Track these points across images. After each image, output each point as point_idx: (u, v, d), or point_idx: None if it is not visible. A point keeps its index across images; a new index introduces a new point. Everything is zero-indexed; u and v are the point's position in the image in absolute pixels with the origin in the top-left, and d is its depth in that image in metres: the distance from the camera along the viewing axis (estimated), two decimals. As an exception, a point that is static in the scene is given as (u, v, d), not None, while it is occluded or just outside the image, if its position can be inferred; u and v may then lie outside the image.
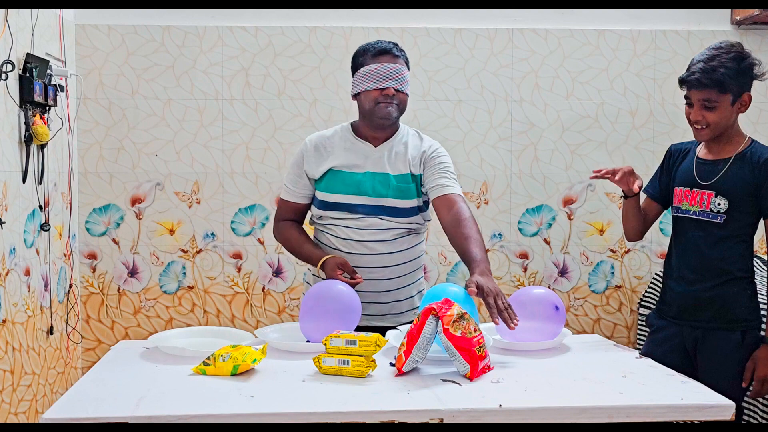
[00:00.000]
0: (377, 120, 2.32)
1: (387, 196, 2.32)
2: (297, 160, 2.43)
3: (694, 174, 2.32)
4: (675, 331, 2.33)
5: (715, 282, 2.27)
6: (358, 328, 2.23)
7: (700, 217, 2.29)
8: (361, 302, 2.28)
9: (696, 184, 2.31)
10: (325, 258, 2.29)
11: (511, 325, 2.00)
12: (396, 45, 2.35)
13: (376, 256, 2.33)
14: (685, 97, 2.28)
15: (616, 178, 2.38)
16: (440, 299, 1.94)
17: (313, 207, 2.44)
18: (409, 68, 2.36)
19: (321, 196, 2.37)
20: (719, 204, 2.25)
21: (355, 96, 2.35)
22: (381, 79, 2.27)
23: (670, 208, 2.44)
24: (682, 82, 2.26)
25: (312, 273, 2.45)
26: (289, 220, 2.47)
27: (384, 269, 2.34)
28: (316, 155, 2.38)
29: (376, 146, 2.37)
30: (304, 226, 2.51)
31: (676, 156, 2.43)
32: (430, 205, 2.44)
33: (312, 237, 2.48)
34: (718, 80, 2.18)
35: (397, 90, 2.28)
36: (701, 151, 2.35)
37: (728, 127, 2.27)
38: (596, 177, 2.39)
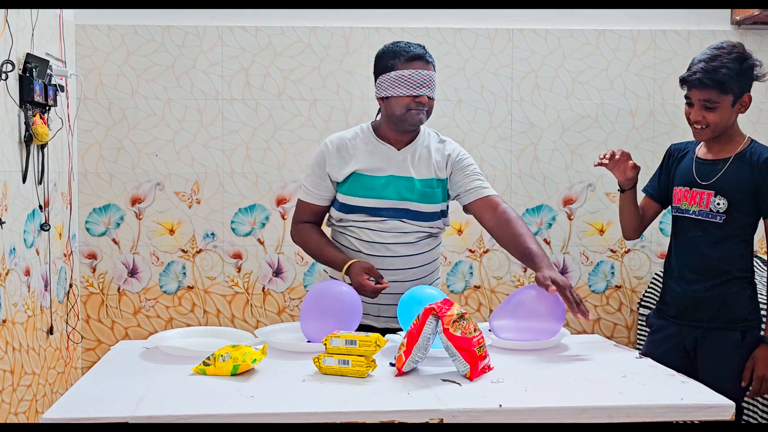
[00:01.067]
0: (407, 126, 2.31)
1: (411, 200, 2.31)
2: (318, 161, 2.38)
3: (693, 174, 2.32)
4: (675, 331, 2.33)
5: (714, 282, 2.27)
6: (379, 332, 2.24)
7: (699, 217, 2.29)
8: (382, 305, 2.30)
9: (695, 184, 2.31)
10: (351, 262, 2.26)
11: (589, 317, 2.10)
12: (426, 49, 2.31)
13: (399, 258, 2.33)
14: (686, 96, 2.28)
15: (612, 163, 2.39)
16: (418, 303, 2.00)
17: (333, 209, 2.40)
18: (435, 70, 2.33)
19: (343, 199, 2.34)
20: (719, 204, 2.25)
21: (383, 99, 2.30)
22: (415, 87, 2.24)
23: (669, 207, 2.44)
24: (683, 81, 2.26)
25: (329, 275, 2.45)
26: (308, 222, 2.43)
27: (406, 271, 2.34)
28: (339, 157, 2.35)
29: (399, 149, 2.35)
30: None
31: (675, 155, 2.43)
32: (449, 213, 2.45)
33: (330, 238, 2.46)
34: (720, 81, 2.18)
35: (429, 97, 2.27)
36: (701, 151, 2.35)
37: (728, 127, 2.27)
38: (600, 164, 2.41)
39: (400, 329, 2.18)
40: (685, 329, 2.31)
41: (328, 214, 2.45)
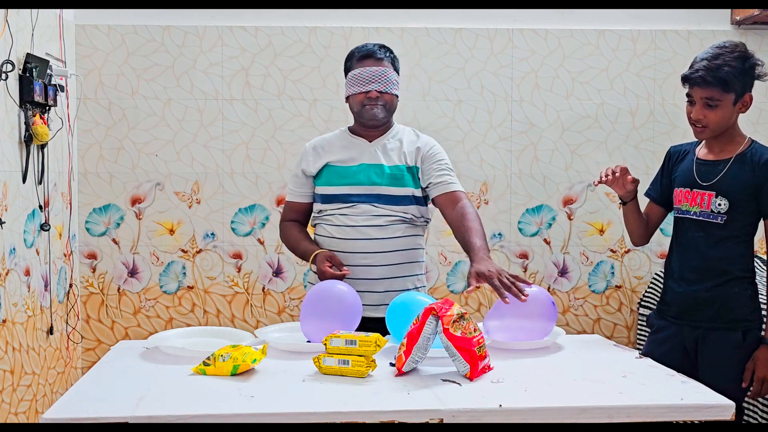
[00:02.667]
0: (366, 121, 2.43)
1: (381, 184, 2.39)
2: (298, 162, 2.54)
3: (694, 174, 2.32)
4: (675, 331, 2.33)
5: (715, 282, 2.27)
6: (368, 323, 2.24)
7: (700, 218, 2.29)
8: (366, 292, 2.32)
9: (696, 185, 2.30)
10: (316, 252, 2.36)
11: (522, 297, 2.06)
12: (381, 47, 2.44)
13: (369, 241, 2.37)
14: (687, 95, 2.27)
15: (611, 179, 2.39)
16: (407, 309, 2.02)
17: (314, 204, 2.51)
18: (396, 68, 2.45)
19: (320, 190, 2.46)
20: (719, 204, 2.25)
21: (347, 99, 2.46)
22: (365, 83, 2.37)
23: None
24: (686, 79, 2.24)
25: (312, 270, 2.47)
26: (293, 221, 2.55)
27: (377, 255, 2.37)
28: (314, 154, 2.48)
29: (370, 141, 2.46)
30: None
31: (675, 158, 2.43)
32: (430, 206, 2.49)
33: (312, 236, 2.53)
34: (723, 79, 2.17)
35: (381, 92, 2.37)
36: (701, 152, 2.35)
37: (728, 127, 2.26)
38: (601, 183, 2.40)
39: (379, 318, 2.20)
40: (686, 329, 2.31)
41: (312, 214, 2.54)
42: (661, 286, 2.46)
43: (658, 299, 2.55)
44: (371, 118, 2.40)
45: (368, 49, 2.41)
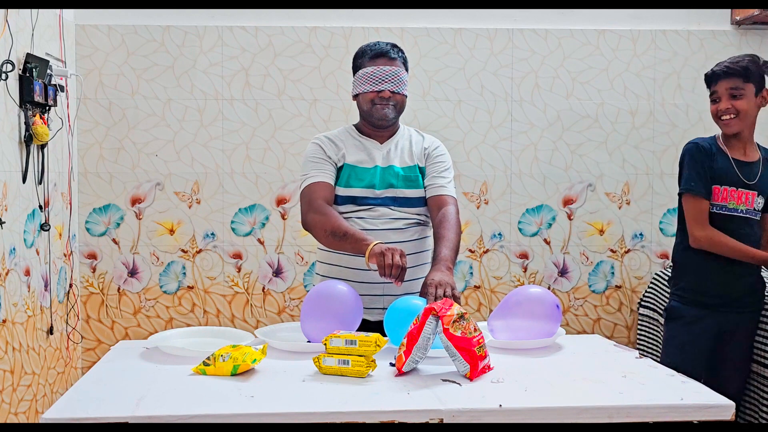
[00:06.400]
0: (375, 121, 2.38)
1: (396, 187, 2.37)
2: (314, 151, 2.39)
3: (738, 174, 2.47)
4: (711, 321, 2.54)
5: (757, 272, 2.58)
6: (371, 325, 2.23)
7: (747, 215, 2.49)
8: (374, 296, 2.31)
9: (742, 184, 2.47)
10: (377, 242, 2.15)
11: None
12: (394, 47, 2.39)
13: (390, 245, 2.32)
14: (712, 93, 2.45)
15: None
16: (405, 312, 2.00)
17: None
18: (407, 69, 2.41)
19: (336, 191, 2.38)
20: (759, 203, 2.48)
21: (355, 97, 2.41)
22: (377, 82, 2.33)
23: (678, 206, 2.59)
24: (711, 76, 2.45)
25: (320, 275, 2.44)
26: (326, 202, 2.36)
27: None
28: (333, 145, 2.41)
29: (381, 143, 2.43)
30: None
31: (708, 153, 2.52)
32: None
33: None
34: (744, 67, 2.41)
35: (393, 92, 2.34)
36: (733, 153, 2.50)
37: (752, 123, 2.47)
38: None
39: None
40: (727, 316, 2.53)
41: None
42: (663, 285, 2.54)
43: (677, 294, 2.62)
44: (382, 117, 2.36)
45: (381, 48, 2.36)
